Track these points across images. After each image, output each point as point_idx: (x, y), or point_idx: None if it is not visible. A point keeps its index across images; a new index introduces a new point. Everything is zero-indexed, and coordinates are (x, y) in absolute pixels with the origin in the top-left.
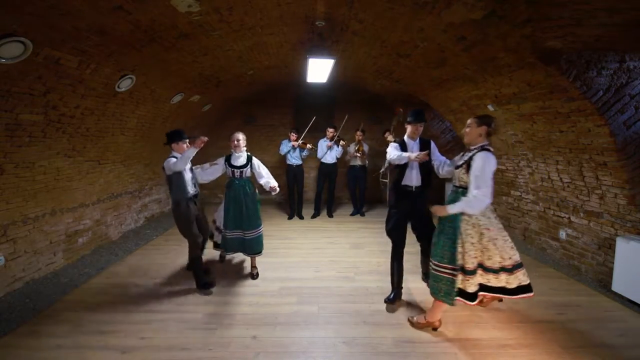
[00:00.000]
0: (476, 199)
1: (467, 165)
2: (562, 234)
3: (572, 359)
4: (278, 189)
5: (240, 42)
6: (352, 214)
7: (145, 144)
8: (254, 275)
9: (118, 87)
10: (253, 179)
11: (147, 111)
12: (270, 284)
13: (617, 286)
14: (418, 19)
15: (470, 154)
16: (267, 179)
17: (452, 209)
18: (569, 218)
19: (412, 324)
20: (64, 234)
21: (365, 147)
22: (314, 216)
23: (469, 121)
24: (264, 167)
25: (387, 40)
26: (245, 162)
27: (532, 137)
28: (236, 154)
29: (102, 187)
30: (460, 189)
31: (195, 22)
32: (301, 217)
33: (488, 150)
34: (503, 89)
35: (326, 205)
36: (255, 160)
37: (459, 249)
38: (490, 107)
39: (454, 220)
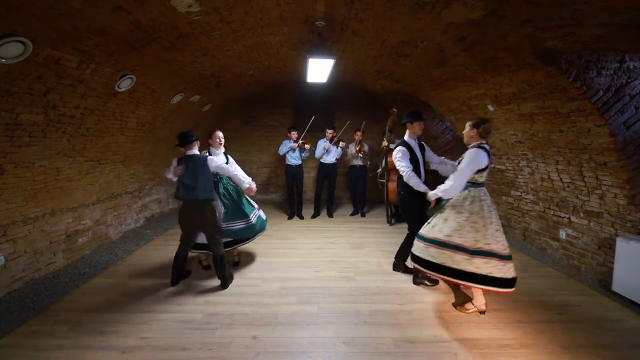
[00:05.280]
0: (448, 190)
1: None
2: (562, 234)
3: (572, 359)
4: None
5: (240, 42)
6: (352, 214)
7: (145, 144)
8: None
9: (118, 87)
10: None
11: (147, 111)
12: (270, 284)
13: (617, 286)
14: (418, 19)
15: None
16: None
17: (433, 195)
18: (569, 218)
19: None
20: (64, 234)
21: (366, 147)
22: (314, 216)
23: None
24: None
25: (387, 40)
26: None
27: (532, 137)
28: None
29: (102, 187)
30: (468, 184)
31: (195, 22)
32: (301, 217)
33: (479, 147)
34: (503, 89)
35: (326, 205)
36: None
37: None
38: (490, 107)
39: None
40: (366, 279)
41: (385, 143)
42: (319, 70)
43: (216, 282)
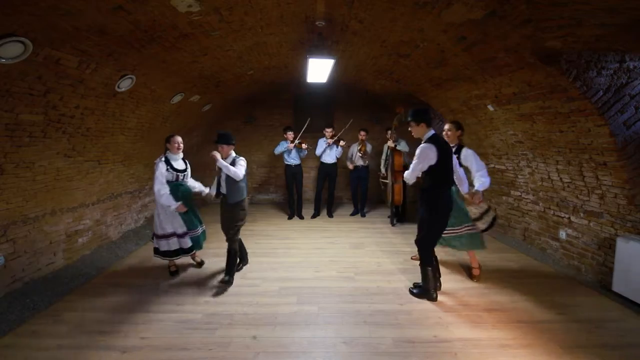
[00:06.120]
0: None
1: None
2: (562, 234)
3: (572, 359)
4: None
5: (240, 42)
6: (352, 214)
7: (145, 144)
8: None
9: (118, 87)
10: None
11: (147, 111)
12: (270, 284)
13: (617, 286)
14: (418, 19)
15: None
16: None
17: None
18: (569, 218)
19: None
20: (64, 234)
21: (369, 147)
22: (314, 216)
23: (447, 126)
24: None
25: (387, 40)
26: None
27: (532, 137)
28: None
29: (102, 187)
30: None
31: (195, 22)
32: (301, 217)
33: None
34: (503, 89)
35: (326, 205)
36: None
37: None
38: (490, 107)
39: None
40: (366, 279)
41: (391, 143)
42: (319, 70)
43: (216, 282)
